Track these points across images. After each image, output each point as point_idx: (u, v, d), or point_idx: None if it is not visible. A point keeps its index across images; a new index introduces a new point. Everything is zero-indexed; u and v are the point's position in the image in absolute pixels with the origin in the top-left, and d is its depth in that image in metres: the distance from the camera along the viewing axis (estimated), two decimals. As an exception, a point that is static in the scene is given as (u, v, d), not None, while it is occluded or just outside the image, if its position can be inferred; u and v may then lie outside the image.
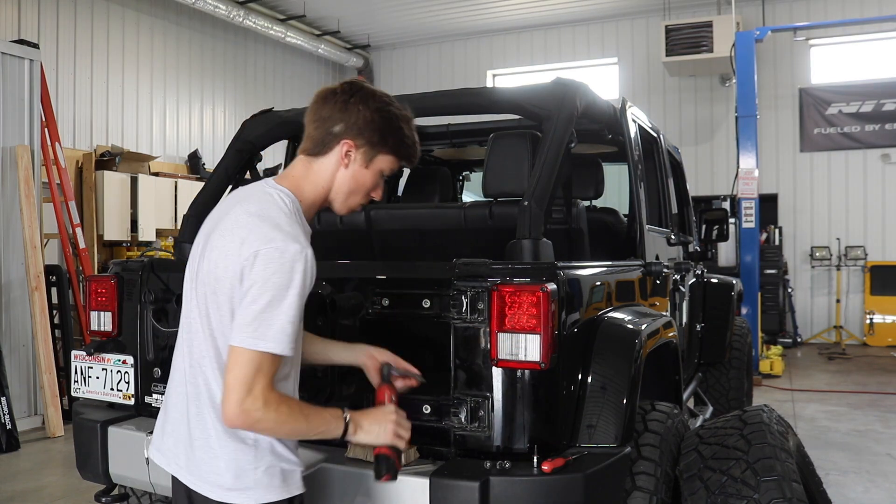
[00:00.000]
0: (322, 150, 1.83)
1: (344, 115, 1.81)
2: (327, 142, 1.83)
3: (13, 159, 6.10)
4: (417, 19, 12.71)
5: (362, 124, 1.81)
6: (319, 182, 1.85)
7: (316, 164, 1.85)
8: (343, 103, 1.81)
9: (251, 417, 1.63)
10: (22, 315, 6.11)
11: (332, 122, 1.81)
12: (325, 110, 1.83)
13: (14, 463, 5.30)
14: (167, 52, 10.68)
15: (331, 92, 1.84)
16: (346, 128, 1.81)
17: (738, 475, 2.35)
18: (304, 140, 1.87)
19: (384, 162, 1.87)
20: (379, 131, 1.83)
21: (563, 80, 2.83)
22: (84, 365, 2.90)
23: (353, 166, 1.84)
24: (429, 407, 2.27)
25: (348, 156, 1.83)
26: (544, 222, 2.44)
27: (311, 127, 1.85)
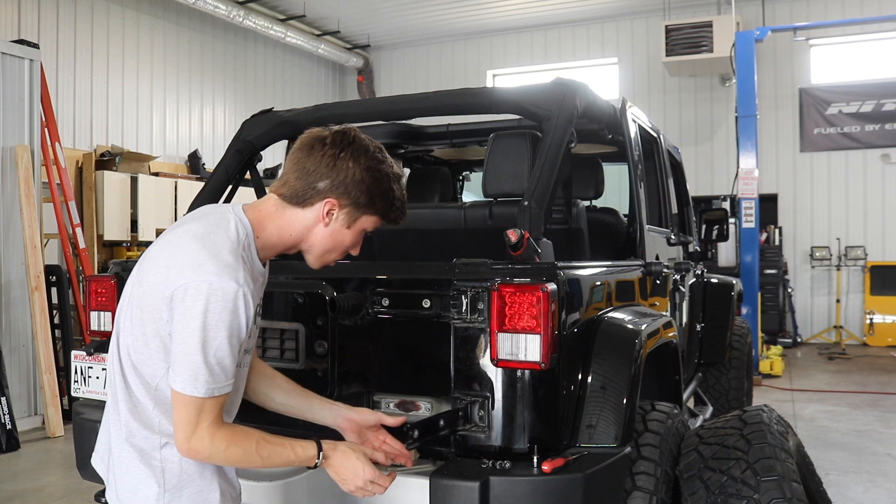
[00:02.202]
0: (301, 202, 1.69)
1: (331, 172, 1.67)
2: (308, 196, 1.68)
3: (13, 159, 6.10)
4: (417, 19, 12.71)
5: (350, 183, 1.68)
6: (288, 230, 1.72)
7: (290, 212, 1.71)
8: (332, 158, 1.67)
9: (200, 455, 1.60)
10: (22, 315, 6.11)
11: (317, 176, 1.67)
12: (310, 162, 1.68)
13: (14, 463, 5.30)
14: (167, 52, 10.68)
15: (319, 141, 1.69)
16: (332, 185, 1.67)
17: (738, 475, 2.35)
18: (282, 184, 1.72)
19: (368, 222, 1.76)
20: (367, 192, 1.70)
21: (563, 80, 2.83)
22: (84, 365, 2.90)
23: (334, 225, 1.72)
24: (429, 407, 2.27)
25: (330, 215, 1.70)
26: (544, 222, 2.44)
27: (291, 175, 1.70)
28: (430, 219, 3.21)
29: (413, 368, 2.34)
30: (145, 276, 1.63)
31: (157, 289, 1.58)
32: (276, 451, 1.66)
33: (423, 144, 4.21)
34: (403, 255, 3.20)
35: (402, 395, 2.33)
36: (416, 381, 2.31)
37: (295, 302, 2.50)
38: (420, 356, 2.31)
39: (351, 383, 2.39)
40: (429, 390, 2.29)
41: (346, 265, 2.67)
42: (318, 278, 2.48)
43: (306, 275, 2.53)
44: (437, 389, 2.25)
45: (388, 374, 2.37)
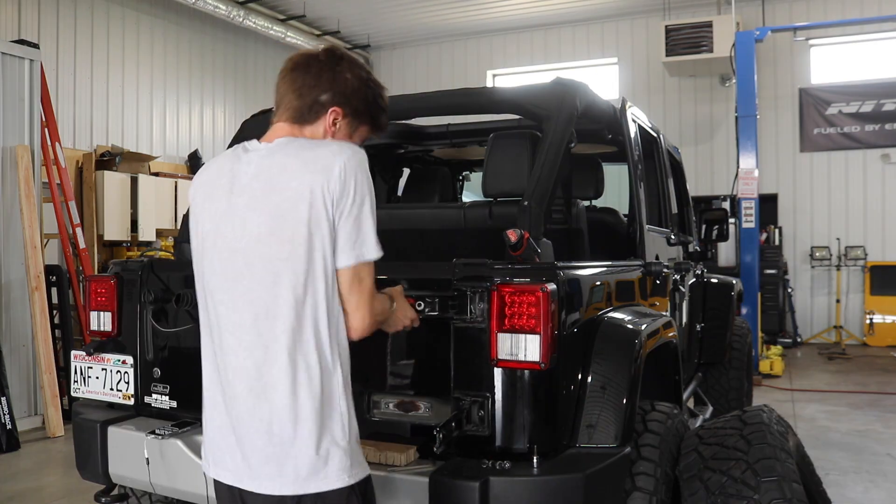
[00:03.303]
0: (309, 118, 1.78)
1: (333, 84, 1.76)
2: (315, 110, 1.77)
3: (13, 159, 6.10)
4: (417, 19, 12.71)
5: (350, 93, 1.78)
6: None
7: (307, 130, 1.78)
8: (330, 71, 1.76)
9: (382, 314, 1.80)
10: (22, 315, 6.11)
11: (319, 89, 1.76)
12: (308, 78, 1.76)
13: (14, 463, 5.30)
14: (167, 52, 10.68)
15: (313, 58, 1.79)
16: (334, 96, 1.77)
17: (738, 475, 2.35)
18: (283, 109, 1.79)
19: (364, 132, 1.87)
20: (364, 101, 1.81)
21: (563, 80, 2.84)
22: (84, 365, 2.90)
23: (339, 135, 1.80)
24: (429, 407, 2.26)
25: (335, 124, 1.79)
26: (544, 222, 2.45)
27: (292, 96, 1.77)
28: (430, 219, 3.21)
29: (413, 368, 2.34)
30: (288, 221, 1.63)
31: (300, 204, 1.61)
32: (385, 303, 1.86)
33: (423, 144, 4.21)
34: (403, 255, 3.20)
35: (402, 394, 2.33)
36: (416, 381, 2.31)
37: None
38: (420, 356, 2.31)
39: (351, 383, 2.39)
40: (429, 390, 2.29)
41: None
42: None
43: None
44: (437, 389, 2.25)
45: (388, 374, 2.37)
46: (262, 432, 1.64)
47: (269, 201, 1.65)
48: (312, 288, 1.64)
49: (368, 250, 1.68)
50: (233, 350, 1.69)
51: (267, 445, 1.64)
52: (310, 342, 1.64)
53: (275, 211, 1.64)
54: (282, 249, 1.63)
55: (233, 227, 1.69)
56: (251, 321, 1.66)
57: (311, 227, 1.62)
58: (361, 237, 1.66)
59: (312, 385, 1.64)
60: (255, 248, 1.66)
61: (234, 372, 1.69)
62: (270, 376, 1.64)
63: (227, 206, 1.71)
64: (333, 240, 1.64)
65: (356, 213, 1.65)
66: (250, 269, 1.67)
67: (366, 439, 2.25)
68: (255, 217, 1.66)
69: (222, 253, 1.71)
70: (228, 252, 1.70)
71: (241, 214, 1.68)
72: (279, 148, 1.72)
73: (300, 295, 1.63)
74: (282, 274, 1.64)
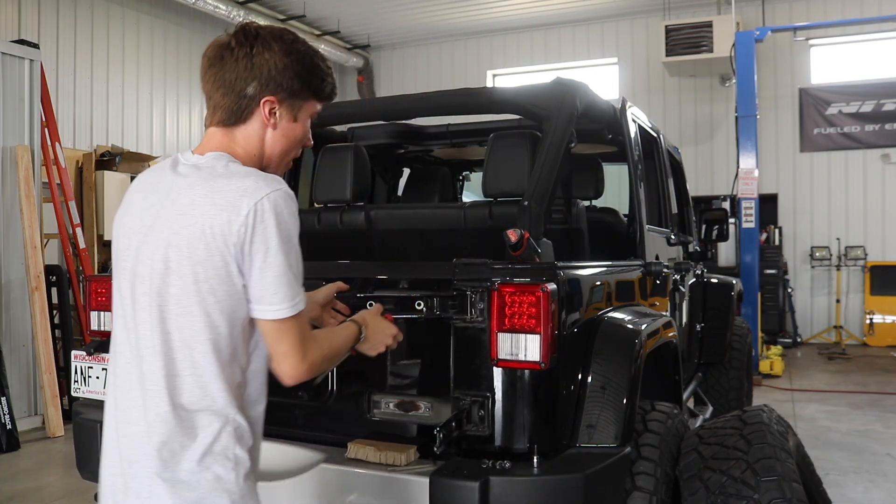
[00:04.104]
0: (239, 118, 1.58)
1: (253, 72, 1.55)
2: (243, 107, 1.57)
3: (13, 159, 6.10)
4: (417, 19, 12.71)
5: (277, 75, 1.55)
6: (252, 149, 1.60)
7: (238, 132, 1.59)
8: (246, 58, 1.54)
9: (315, 366, 1.54)
10: (22, 315, 6.11)
11: (241, 83, 1.55)
12: (227, 72, 1.55)
13: (14, 463, 5.30)
14: (167, 52, 10.68)
15: (225, 48, 1.57)
16: (261, 85, 1.55)
17: (738, 475, 2.35)
18: (212, 111, 1.60)
19: (310, 108, 1.65)
20: (298, 77, 1.58)
21: (563, 80, 2.84)
22: (84, 365, 2.90)
23: (282, 124, 1.60)
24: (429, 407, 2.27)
25: (273, 114, 1.58)
26: (544, 222, 2.45)
27: (216, 95, 1.58)
28: (430, 219, 3.21)
29: (413, 368, 2.34)
30: (182, 251, 1.46)
31: (211, 242, 1.44)
32: (338, 339, 1.69)
33: (423, 144, 4.21)
34: (403, 255, 3.20)
35: (402, 394, 2.33)
36: (416, 381, 2.31)
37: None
38: (420, 356, 2.31)
39: (350, 383, 2.39)
40: (429, 390, 2.29)
41: (345, 265, 2.67)
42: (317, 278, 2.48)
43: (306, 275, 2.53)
44: (437, 389, 2.26)
45: (388, 373, 2.37)
46: None
47: (171, 230, 1.48)
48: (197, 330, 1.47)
49: (284, 308, 1.47)
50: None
51: None
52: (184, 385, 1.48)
53: (174, 241, 1.47)
54: (174, 284, 1.47)
55: (136, 251, 1.54)
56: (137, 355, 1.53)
57: (199, 267, 1.45)
58: (278, 290, 1.46)
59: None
60: (151, 277, 1.50)
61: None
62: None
63: (137, 224, 1.56)
64: (240, 286, 1.46)
65: (271, 262, 1.44)
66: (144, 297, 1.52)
67: (366, 439, 2.25)
68: (155, 244, 1.50)
69: (122, 276, 1.58)
70: (129, 274, 1.56)
71: (144, 238, 1.53)
72: (197, 170, 1.53)
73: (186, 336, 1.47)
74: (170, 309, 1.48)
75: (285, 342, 1.49)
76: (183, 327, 1.47)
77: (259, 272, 1.46)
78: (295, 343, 1.50)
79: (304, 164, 3.89)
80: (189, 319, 1.47)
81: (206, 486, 1.46)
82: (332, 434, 2.35)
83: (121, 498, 1.51)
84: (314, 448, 2.32)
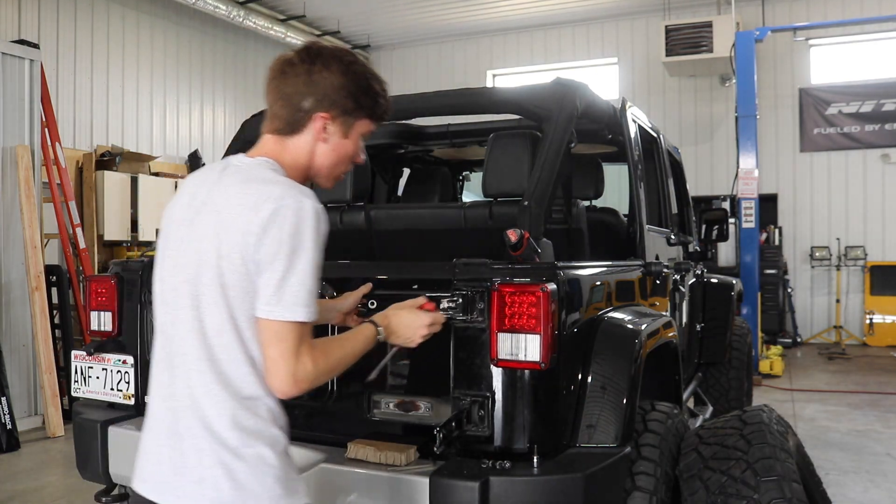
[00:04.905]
0: (294, 128, 1.68)
1: (311, 88, 1.64)
2: (298, 119, 1.67)
3: (13, 159, 6.10)
4: (417, 19, 12.71)
5: (332, 93, 1.65)
6: (299, 160, 1.70)
7: (290, 142, 1.69)
8: (306, 74, 1.64)
9: (307, 382, 1.53)
10: (22, 315, 6.11)
11: (298, 97, 1.65)
12: (287, 86, 1.66)
13: (14, 463, 5.30)
14: (167, 52, 10.68)
15: (288, 63, 1.67)
16: (317, 100, 1.65)
17: (738, 475, 2.35)
18: (270, 119, 1.70)
19: (362, 126, 1.73)
20: (352, 96, 1.67)
21: (563, 80, 2.84)
22: (84, 365, 2.90)
23: (333, 139, 1.70)
24: (429, 407, 2.27)
25: (326, 130, 1.68)
26: (544, 222, 2.45)
27: (276, 106, 1.69)
28: (430, 219, 3.21)
29: (413, 368, 2.34)
30: (213, 244, 1.55)
31: (233, 238, 1.52)
32: (349, 344, 1.68)
33: (423, 144, 4.21)
34: (403, 255, 3.20)
35: (402, 395, 2.33)
36: (416, 381, 2.31)
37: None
38: (420, 356, 2.31)
39: (351, 383, 2.39)
40: (429, 390, 2.29)
41: (345, 265, 2.67)
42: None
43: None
44: (437, 389, 2.26)
45: (388, 373, 2.37)
46: None
47: (206, 224, 1.58)
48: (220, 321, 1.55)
49: (287, 311, 1.50)
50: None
51: None
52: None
53: (207, 235, 1.57)
54: (205, 275, 1.56)
55: (179, 242, 1.64)
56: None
57: (223, 261, 1.53)
58: (283, 293, 1.50)
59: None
60: (187, 267, 1.60)
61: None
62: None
63: (181, 216, 1.66)
64: (250, 284, 1.52)
65: (281, 265, 1.49)
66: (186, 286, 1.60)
67: (366, 439, 2.25)
68: (192, 237, 1.60)
69: (166, 262, 1.68)
70: (171, 262, 1.66)
71: (186, 230, 1.62)
72: (238, 171, 1.63)
73: (213, 325, 1.56)
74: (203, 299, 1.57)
75: (276, 347, 1.52)
76: (214, 314, 1.55)
77: (268, 269, 1.51)
78: (287, 351, 1.51)
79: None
80: (216, 309, 1.55)
81: (252, 462, 1.53)
82: (332, 434, 2.35)
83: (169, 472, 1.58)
84: (314, 448, 2.32)
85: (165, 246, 1.69)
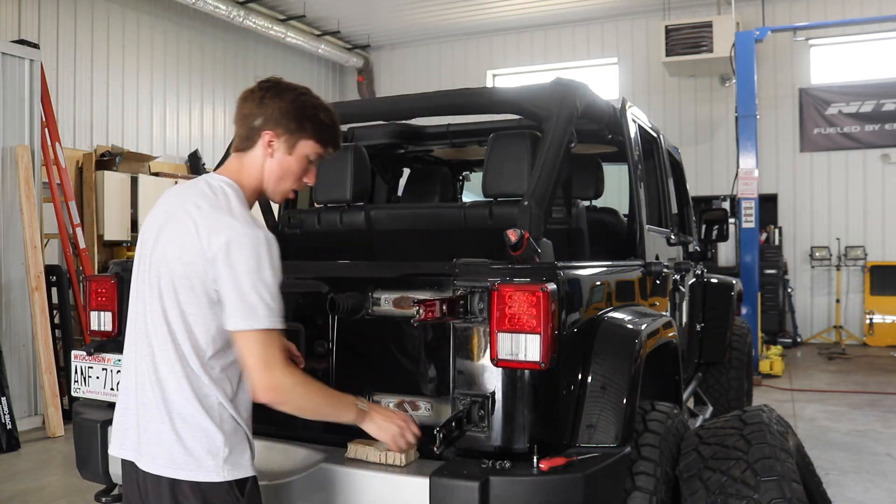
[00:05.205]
0: (249, 144, 1.97)
1: (261, 110, 1.94)
2: (251, 136, 1.96)
3: (13, 159, 6.10)
4: (417, 19, 12.71)
5: (278, 115, 1.93)
6: (253, 173, 1.97)
7: (246, 158, 1.98)
8: (259, 99, 1.95)
9: (282, 388, 1.79)
10: (22, 315, 6.11)
11: (252, 117, 1.96)
12: (245, 108, 1.97)
13: (14, 463, 5.30)
14: (167, 52, 10.68)
15: (249, 92, 2.00)
16: (265, 120, 1.94)
17: (738, 475, 2.36)
18: (234, 139, 2.02)
19: (307, 147, 1.97)
20: (295, 119, 1.94)
21: (563, 80, 2.84)
22: (84, 365, 2.90)
23: (278, 154, 1.96)
24: (429, 407, 2.26)
25: (271, 145, 1.95)
26: (544, 222, 2.45)
27: (237, 126, 2.00)
28: (430, 219, 3.21)
29: (413, 368, 2.34)
30: (181, 251, 1.83)
31: (197, 258, 1.80)
32: (332, 392, 1.96)
33: (423, 144, 4.21)
34: (403, 254, 3.20)
35: (402, 395, 2.33)
36: (416, 381, 2.31)
37: (295, 302, 2.50)
38: (420, 356, 2.31)
39: (351, 383, 2.39)
40: (429, 390, 2.29)
41: (345, 265, 2.67)
42: (317, 279, 2.49)
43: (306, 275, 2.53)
44: (437, 389, 2.26)
45: (389, 374, 2.37)
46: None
47: (171, 236, 1.87)
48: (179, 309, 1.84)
49: (253, 321, 1.77)
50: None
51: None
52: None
53: (170, 244, 1.87)
54: (164, 277, 1.86)
55: (152, 245, 1.93)
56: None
57: (183, 272, 1.82)
58: (248, 306, 1.77)
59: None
60: (155, 267, 1.90)
61: None
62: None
63: (156, 222, 1.96)
64: (203, 292, 1.81)
65: (245, 283, 1.76)
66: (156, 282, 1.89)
67: (366, 439, 2.25)
68: (160, 241, 1.90)
69: (143, 259, 1.96)
70: (147, 261, 1.94)
71: (157, 235, 1.92)
72: (208, 191, 1.90)
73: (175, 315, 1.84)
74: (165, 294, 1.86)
75: (248, 357, 1.79)
76: (172, 306, 1.85)
77: (226, 285, 1.78)
78: (257, 364, 1.78)
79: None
80: (172, 302, 1.85)
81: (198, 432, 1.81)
82: (332, 434, 2.35)
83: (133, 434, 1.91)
84: (314, 448, 2.32)
85: (142, 248, 1.98)
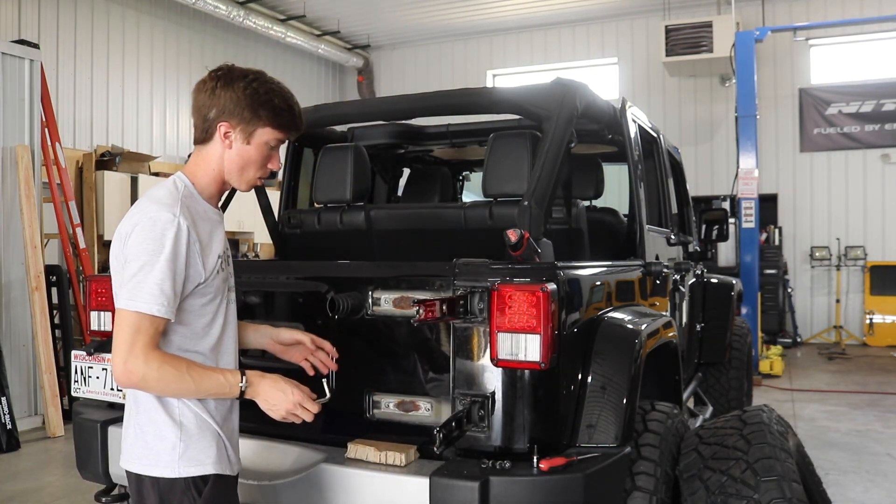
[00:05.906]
0: (206, 136, 1.94)
1: (214, 101, 1.90)
2: (207, 128, 1.93)
3: (13, 159, 6.10)
4: (417, 19, 12.71)
5: (231, 104, 1.89)
6: (210, 165, 1.95)
7: (204, 150, 1.95)
8: (211, 90, 1.91)
9: (135, 376, 1.73)
10: (22, 315, 6.11)
11: (205, 109, 1.92)
12: (199, 100, 1.93)
13: (14, 463, 5.30)
14: (167, 52, 10.68)
15: (201, 82, 1.95)
16: (219, 112, 1.90)
17: (738, 475, 2.36)
18: (193, 132, 1.99)
19: (265, 134, 1.93)
20: (249, 108, 1.90)
21: (563, 80, 2.84)
22: (84, 365, 2.90)
23: (236, 145, 1.92)
24: (429, 407, 2.27)
25: (228, 137, 1.91)
26: (544, 222, 2.45)
27: (194, 118, 1.97)
28: (430, 219, 3.21)
29: (413, 368, 2.34)
30: (119, 242, 1.86)
31: (122, 243, 1.83)
32: (205, 375, 1.80)
33: (423, 144, 4.21)
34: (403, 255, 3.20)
35: (402, 394, 2.33)
36: (416, 381, 2.31)
37: (295, 302, 2.50)
38: (420, 356, 2.31)
39: (351, 383, 2.39)
40: (429, 390, 2.29)
41: (345, 265, 2.67)
42: (317, 279, 2.49)
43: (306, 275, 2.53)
44: (437, 389, 2.26)
45: (389, 373, 2.37)
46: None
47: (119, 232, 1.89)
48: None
49: (130, 302, 1.74)
50: None
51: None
52: None
53: (116, 240, 1.89)
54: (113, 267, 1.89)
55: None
56: None
57: (120, 265, 1.84)
58: (132, 286, 1.75)
59: None
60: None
61: None
62: None
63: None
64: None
65: (135, 265, 1.75)
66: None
67: (366, 439, 2.25)
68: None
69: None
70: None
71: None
72: (154, 188, 1.93)
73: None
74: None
75: (117, 335, 1.76)
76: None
77: (128, 265, 1.78)
78: (122, 343, 1.74)
79: (305, 165, 3.89)
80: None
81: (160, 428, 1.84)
82: (332, 434, 2.35)
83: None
84: (314, 448, 2.32)
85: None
